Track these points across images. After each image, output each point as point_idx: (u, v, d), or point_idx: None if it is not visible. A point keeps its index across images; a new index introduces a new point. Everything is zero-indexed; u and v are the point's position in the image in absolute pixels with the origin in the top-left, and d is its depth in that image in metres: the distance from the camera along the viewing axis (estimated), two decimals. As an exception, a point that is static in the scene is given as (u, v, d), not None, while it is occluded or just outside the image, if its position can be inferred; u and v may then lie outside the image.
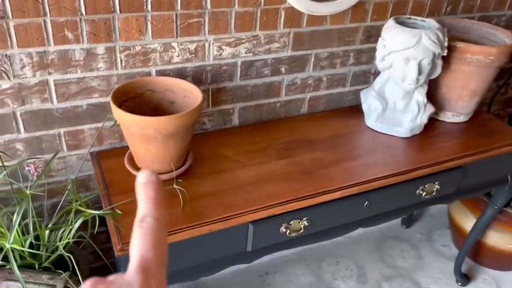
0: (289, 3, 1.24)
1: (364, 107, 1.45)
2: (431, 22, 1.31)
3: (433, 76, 1.34)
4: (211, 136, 1.34)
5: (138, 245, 0.28)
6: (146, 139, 1.01)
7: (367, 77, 1.53)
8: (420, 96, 1.36)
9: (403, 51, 1.24)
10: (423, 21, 1.33)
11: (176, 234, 0.97)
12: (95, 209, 0.98)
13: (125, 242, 0.92)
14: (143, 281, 0.26)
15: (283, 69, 1.38)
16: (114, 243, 0.92)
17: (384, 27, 1.31)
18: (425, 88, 1.36)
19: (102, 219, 1.03)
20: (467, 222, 1.81)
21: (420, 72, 1.27)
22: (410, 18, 1.35)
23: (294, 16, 1.29)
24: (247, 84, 1.35)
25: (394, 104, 1.39)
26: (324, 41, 1.39)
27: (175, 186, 1.02)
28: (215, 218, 1.01)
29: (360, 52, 1.47)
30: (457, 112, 1.46)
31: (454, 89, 1.41)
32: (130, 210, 1.00)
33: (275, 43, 1.31)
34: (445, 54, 1.28)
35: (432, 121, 1.48)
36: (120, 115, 0.98)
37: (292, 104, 1.47)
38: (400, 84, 1.32)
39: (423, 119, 1.38)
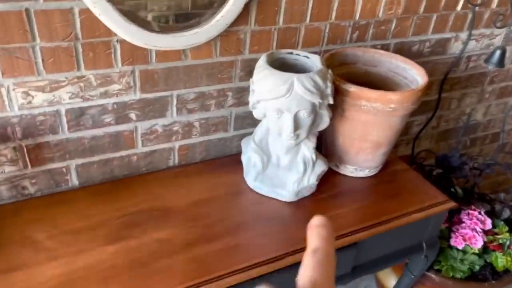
0: (120, 36, 0.93)
1: (244, 160, 1.15)
2: (316, 60, 1.01)
3: (320, 128, 1.05)
4: (33, 206, 1.02)
5: (311, 272, 0.29)
6: None
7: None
8: (308, 151, 1.07)
9: (273, 100, 0.95)
10: (307, 57, 1.04)
11: None
12: None
13: None
14: None
15: (133, 115, 1.07)
16: None
17: (256, 65, 1.01)
18: (313, 141, 1.07)
19: None
20: (390, 282, 1.54)
21: (297, 126, 0.98)
22: (291, 53, 1.05)
23: (135, 50, 0.98)
24: (81, 136, 1.03)
25: (277, 159, 1.10)
26: (188, 79, 1.08)
27: None
28: None
29: (241, 90, 1.17)
30: (359, 166, 1.18)
31: (352, 140, 1.12)
32: None
33: (114, 84, 1.00)
34: (331, 102, 0.99)
35: (332, 175, 1.19)
36: None
37: (156, 156, 1.16)
38: (278, 138, 1.03)
39: (311, 180, 1.09)
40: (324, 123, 1.04)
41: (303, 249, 0.90)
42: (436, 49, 1.44)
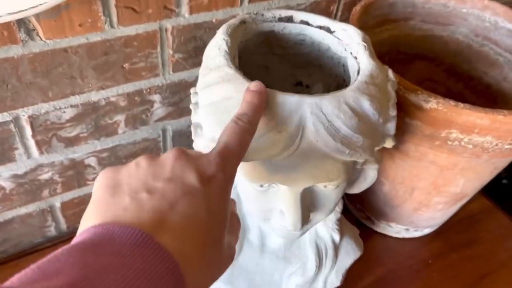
0: None
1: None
2: (351, 37, 0.41)
3: (357, 190, 0.47)
4: None
5: (228, 135, 0.29)
6: None
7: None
8: (324, 227, 0.51)
9: (249, 162, 0.36)
10: (328, 30, 0.43)
11: None
12: None
13: None
14: (220, 163, 0.27)
15: None
16: None
17: (205, 52, 0.40)
18: (338, 209, 0.50)
19: None
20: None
21: (310, 208, 0.41)
22: (290, 20, 0.43)
23: None
24: None
25: (260, 236, 0.53)
26: (50, 82, 0.47)
27: None
28: None
29: (179, 88, 0.57)
30: (415, 226, 0.62)
31: (410, 190, 0.56)
32: None
33: None
34: (388, 146, 0.40)
35: (363, 235, 0.64)
36: None
37: (13, 229, 0.58)
38: (263, 222, 0.45)
39: (330, 282, 0.53)
40: (366, 181, 0.46)
41: None
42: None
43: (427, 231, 0.65)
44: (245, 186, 0.40)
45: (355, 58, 0.39)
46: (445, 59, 0.64)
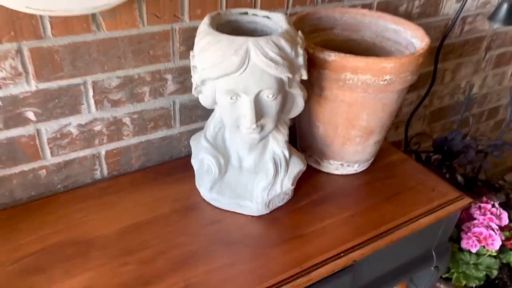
0: (-15, -5, 0.62)
1: (195, 164, 0.86)
2: (279, 20, 0.73)
3: (293, 114, 0.77)
4: None
5: None
6: None
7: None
8: (278, 146, 0.79)
9: (222, 79, 0.66)
10: (267, 17, 0.75)
11: None
12: None
13: None
14: None
15: (31, 115, 0.76)
16: None
17: (197, 31, 0.72)
18: (284, 133, 0.79)
19: None
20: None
21: (261, 113, 0.70)
22: (246, 13, 0.76)
23: (17, 19, 0.67)
24: (-45, 148, 0.72)
25: (239, 160, 0.82)
26: (106, 59, 0.78)
27: None
28: None
29: (184, 71, 0.88)
30: (347, 160, 0.90)
31: (335, 128, 0.85)
32: None
33: (-7, 71, 0.69)
34: (304, 77, 0.71)
35: (312, 175, 0.92)
36: None
37: (74, 168, 0.86)
38: (236, 132, 0.74)
39: (285, 185, 0.81)
40: (298, 107, 0.75)
41: (283, 283, 0.61)
42: (427, 9, 1.17)
43: (357, 167, 0.92)
44: (222, 102, 0.70)
45: (281, 27, 0.71)
46: (362, 54, 0.95)
